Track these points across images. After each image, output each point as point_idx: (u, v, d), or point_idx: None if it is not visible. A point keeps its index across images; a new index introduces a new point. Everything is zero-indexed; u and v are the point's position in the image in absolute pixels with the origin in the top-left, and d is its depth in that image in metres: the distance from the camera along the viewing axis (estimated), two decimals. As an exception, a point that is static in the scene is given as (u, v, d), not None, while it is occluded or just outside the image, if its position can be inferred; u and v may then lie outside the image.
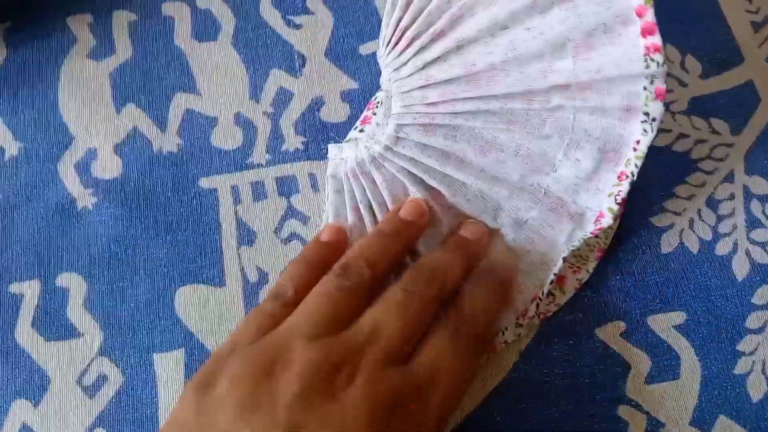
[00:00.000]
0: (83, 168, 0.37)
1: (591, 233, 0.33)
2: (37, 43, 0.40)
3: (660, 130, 0.38)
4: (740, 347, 0.34)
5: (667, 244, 0.36)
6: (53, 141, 0.37)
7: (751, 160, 0.38)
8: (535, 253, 0.34)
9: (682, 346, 0.34)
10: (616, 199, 0.32)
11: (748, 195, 0.37)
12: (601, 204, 0.33)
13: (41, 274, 0.35)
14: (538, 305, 0.33)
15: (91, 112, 0.38)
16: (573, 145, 0.33)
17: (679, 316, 0.34)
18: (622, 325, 0.34)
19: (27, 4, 0.40)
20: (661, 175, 0.37)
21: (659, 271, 0.35)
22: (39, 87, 0.39)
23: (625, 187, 0.32)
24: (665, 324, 0.34)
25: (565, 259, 0.33)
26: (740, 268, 0.35)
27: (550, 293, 0.34)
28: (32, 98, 0.38)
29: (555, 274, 0.33)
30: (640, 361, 0.34)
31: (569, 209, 0.33)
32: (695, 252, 0.36)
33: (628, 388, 0.33)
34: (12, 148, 0.37)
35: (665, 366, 0.34)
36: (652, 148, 0.33)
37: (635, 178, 0.32)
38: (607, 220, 0.32)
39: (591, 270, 0.34)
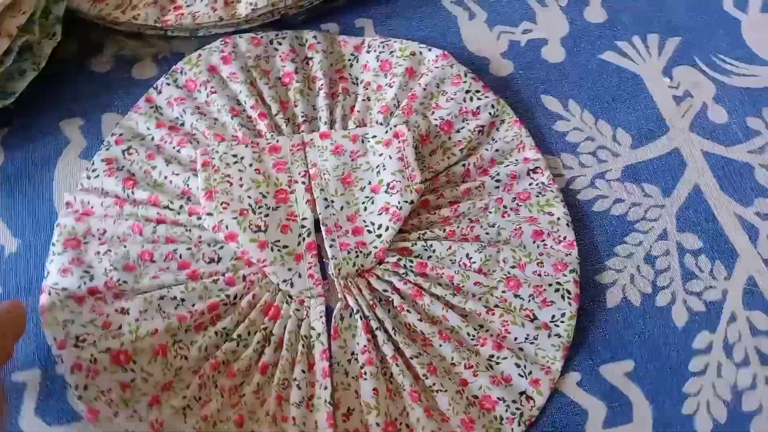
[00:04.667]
0: (78, 260, 0.40)
1: None
2: (32, 146, 0.43)
3: (598, 197, 0.42)
4: (686, 389, 0.38)
5: (612, 299, 0.40)
6: (48, 236, 0.40)
7: (682, 218, 0.42)
8: None
9: (632, 391, 0.38)
10: None
11: (681, 250, 0.41)
12: None
13: (42, 362, 0.37)
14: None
15: (84, 208, 0.41)
16: None
17: (628, 365, 0.38)
18: (577, 376, 0.38)
19: (22, 110, 0.43)
20: (602, 237, 0.41)
21: (606, 324, 0.39)
22: (35, 186, 0.42)
23: None
24: (616, 372, 0.38)
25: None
26: (679, 317, 0.40)
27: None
28: (28, 197, 0.42)
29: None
30: (596, 408, 0.37)
31: None
32: (638, 305, 0.40)
33: (587, 433, 0.37)
34: (11, 245, 0.40)
35: (619, 411, 0.37)
36: (593, 213, 0.37)
37: None
38: None
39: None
